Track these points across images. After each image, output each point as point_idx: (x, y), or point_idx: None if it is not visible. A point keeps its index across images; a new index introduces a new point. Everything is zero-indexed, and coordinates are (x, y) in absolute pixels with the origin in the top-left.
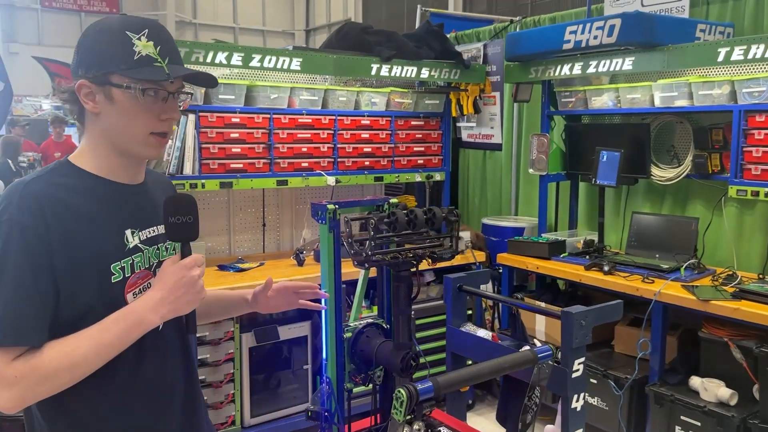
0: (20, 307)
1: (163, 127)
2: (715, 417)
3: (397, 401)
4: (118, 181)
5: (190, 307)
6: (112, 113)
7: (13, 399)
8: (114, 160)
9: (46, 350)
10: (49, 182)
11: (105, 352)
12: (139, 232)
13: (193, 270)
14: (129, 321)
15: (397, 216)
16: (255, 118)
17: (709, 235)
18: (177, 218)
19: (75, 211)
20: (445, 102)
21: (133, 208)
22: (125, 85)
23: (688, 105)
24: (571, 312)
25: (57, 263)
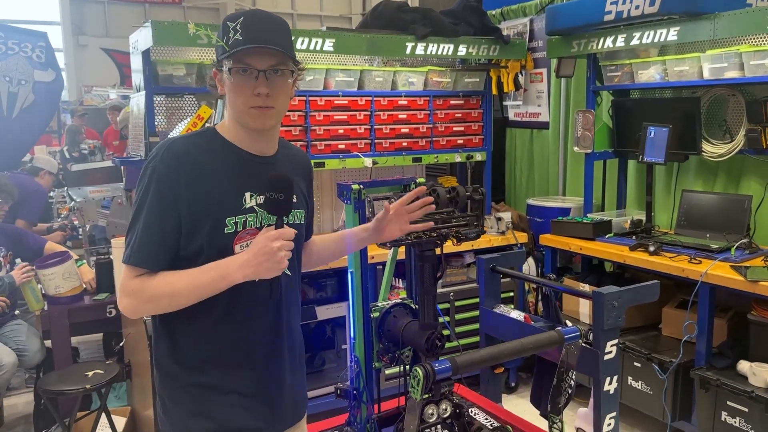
0: (146, 239)
1: (257, 101)
2: (763, 403)
3: (413, 380)
4: (248, 151)
5: (269, 273)
6: (227, 92)
7: (128, 307)
8: (241, 133)
9: (157, 277)
10: (189, 142)
11: (198, 292)
12: (257, 196)
13: (275, 242)
14: (219, 271)
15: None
16: (291, 100)
17: (762, 214)
18: (270, 194)
19: (205, 169)
20: (486, 80)
21: (257, 176)
22: (226, 68)
23: (739, 76)
24: (602, 292)
25: (182, 209)
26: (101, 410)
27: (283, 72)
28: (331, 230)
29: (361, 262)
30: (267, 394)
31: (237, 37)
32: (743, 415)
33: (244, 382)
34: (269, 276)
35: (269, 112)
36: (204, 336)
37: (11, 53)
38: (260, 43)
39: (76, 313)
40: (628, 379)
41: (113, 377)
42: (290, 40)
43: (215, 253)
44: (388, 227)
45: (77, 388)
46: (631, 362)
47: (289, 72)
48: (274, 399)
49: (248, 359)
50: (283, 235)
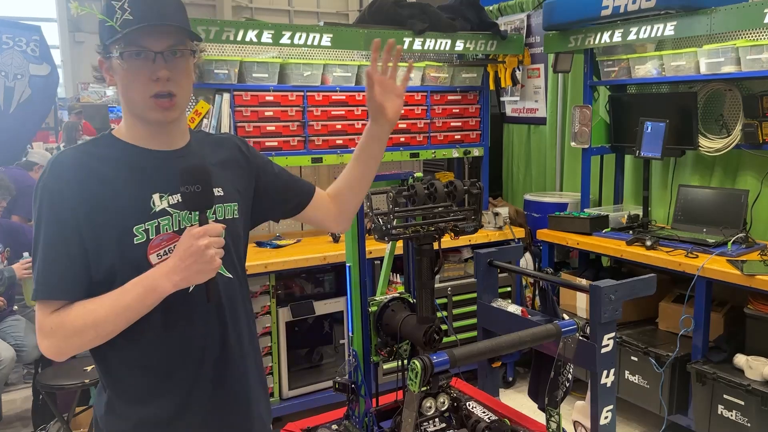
0: (50, 266)
1: (156, 87)
2: (759, 396)
3: (411, 372)
4: (151, 148)
5: (201, 276)
6: (118, 83)
7: (51, 348)
8: (141, 128)
9: (75, 307)
10: (81, 151)
11: (124, 314)
12: (168, 196)
13: (201, 239)
14: (145, 286)
15: (416, 189)
16: (289, 95)
17: (759, 208)
18: (186, 187)
19: (100, 177)
20: (483, 75)
21: (166, 174)
22: (115, 53)
23: (735, 71)
24: (599, 286)
25: (82, 225)
26: None
27: (182, 52)
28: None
29: (359, 257)
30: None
31: (126, 16)
32: (739, 409)
33: (194, 409)
34: (202, 279)
35: (172, 102)
36: (141, 364)
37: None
38: (154, 21)
39: None
40: (625, 373)
41: None
42: (186, 14)
43: (130, 270)
44: (384, 102)
45: (76, 382)
46: (628, 356)
47: (190, 52)
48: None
49: (196, 383)
50: (209, 231)
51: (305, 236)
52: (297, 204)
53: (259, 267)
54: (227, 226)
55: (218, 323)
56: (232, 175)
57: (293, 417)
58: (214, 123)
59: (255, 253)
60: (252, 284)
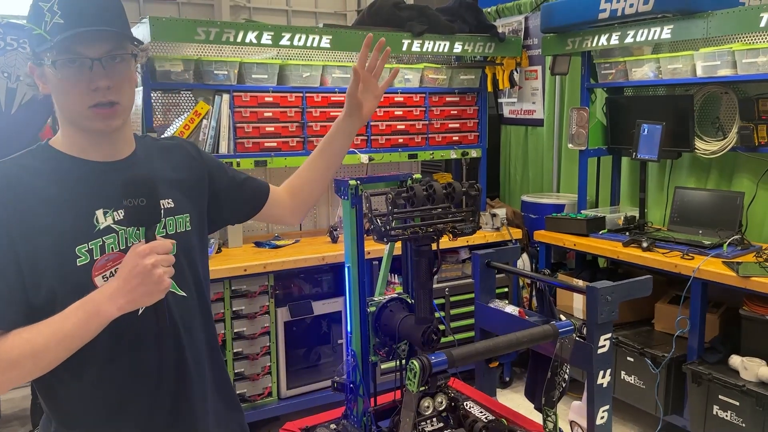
0: None
1: (97, 97)
2: (754, 396)
3: (410, 372)
4: (92, 160)
5: (149, 298)
6: (53, 92)
7: None
8: (81, 138)
9: (10, 337)
10: (16, 164)
11: (66, 342)
12: (113, 212)
13: (148, 258)
14: (87, 310)
15: (415, 190)
16: (288, 96)
17: (755, 210)
18: (129, 201)
19: (38, 194)
20: (481, 77)
21: (108, 187)
22: (48, 61)
23: (731, 74)
24: (596, 287)
25: (18, 247)
26: None
27: (122, 57)
28: (327, 227)
29: (358, 257)
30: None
31: (56, 20)
32: (734, 409)
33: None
34: (150, 302)
35: (114, 110)
36: (88, 396)
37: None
38: (88, 25)
39: None
40: (621, 374)
41: None
42: (124, 15)
43: (72, 294)
44: (363, 100)
45: None
46: (624, 357)
47: (131, 56)
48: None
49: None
50: (156, 249)
51: (304, 236)
52: (254, 205)
53: (258, 267)
54: (179, 240)
55: (173, 347)
56: (183, 184)
57: (291, 416)
58: (214, 124)
59: (254, 254)
60: (251, 284)
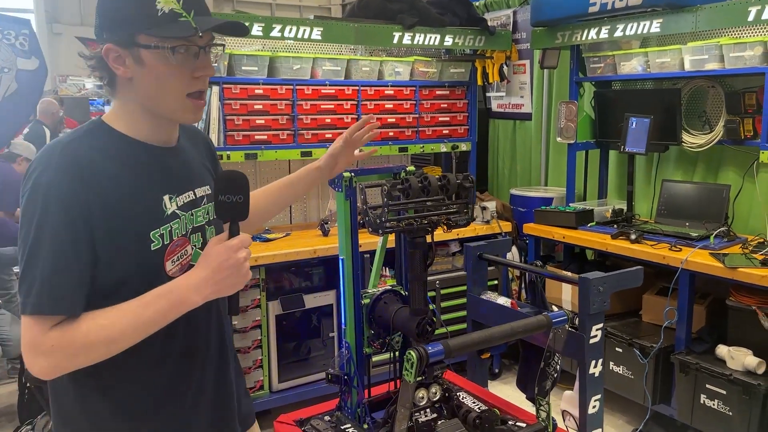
0: (58, 276)
1: (198, 85)
2: (740, 385)
3: (407, 363)
4: (153, 144)
5: (234, 289)
6: (145, 77)
7: (48, 367)
8: (148, 123)
9: (83, 322)
10: (87, 145)
11: (143, 329)
12: (176, 198)
13: (240, 252)
14: (171, 299)
15: (411, 182)
16: (278, 89)
17: (740, 203)
18: (227, 197)
19: (113, 178)
20: (471, 70)
21: (170, 173)
22: (153, 45)
23: (719, 68)
24: (589, 278)
25: (96, 231)
26: None
27: (218, 47)
28: (317, 220)
29: (352, 250)
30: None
31: (171, 8)
32: (721, 398)
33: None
34: (232, 291)
35: (203, 101)
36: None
37: None
38: (201, 13)
39: None
40: (610, 364)
41: None
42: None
43: (143, 278)
44: (340, 160)
45: None
46: (612, 347)
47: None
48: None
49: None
50: (245, 243)
51: (294, 230)
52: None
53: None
54: (215, 225)
55: (216, 329)
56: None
57: (283, 409)
58: (203, 116)
59: None
60: None
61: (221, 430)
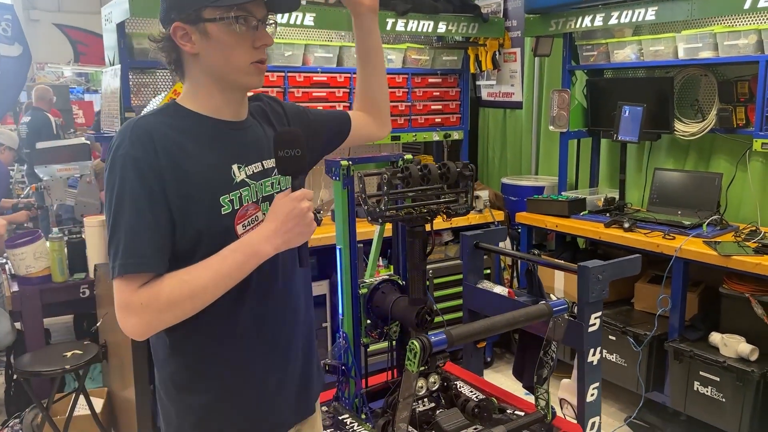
0: (140, 236)
1: (260, 54)
2: (734, 372)
3: (410, 353)
4: (223, 119)
5: (302, 238)
6: (211, 49)
7: (140, 325)
8: (218, 98)
9: (167, 279)
10: (157, 120)
11: (223, 282)
12: (245, 167)
13: (303, 202)
14: (245, 252)
15: (411, 171)
16: (269, 76)
17: (733, 191)
18: (285, 152)
19: (182, 148)
20: (464, 58)
21: (239, 145)
22: (218, 17)
23: (713, 56)
24: (588, 266)
25: (170, 195)
26: (79, 391)
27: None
28: None
29: (349, 239)
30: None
31: None
32: (715, 385)
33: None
34: (301, 242)
35: (265, 67)
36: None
37: None
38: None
39: (48, 293)
40: (603, 352)
41: (92, 358)
42: None
43: (217, 241)
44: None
45: (56, 369)
46: (606, 335)
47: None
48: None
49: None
50: (307, 195)
51: None
52: (341, 131)
53: None
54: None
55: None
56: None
57: None
58: None
59: None
60: None
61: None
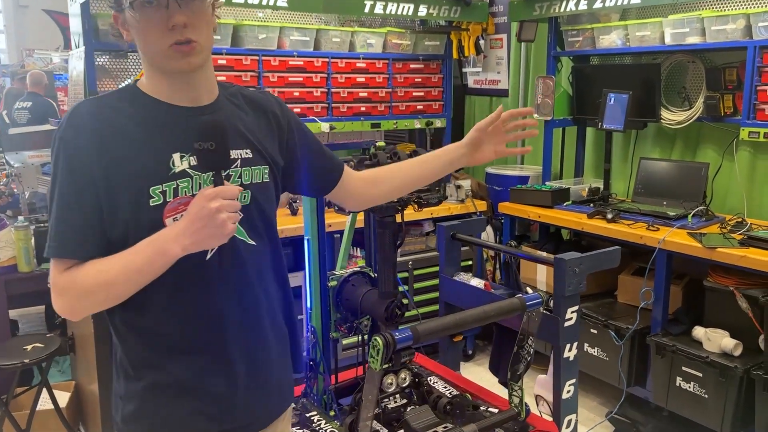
0: (64, 221)
1: (175, 35)
2: (717, 368)
3: (373, 349)
4: (176, 104)
5: (214, 241)
6: (135, 35)
7: (64, 307)
8: (164, 83)
9: (86, 267)
10: (100, 102)
11: (135, 276)
12: (189, 157)
13: (213, 202)
14: (155, 247)
15: (379, 158)
16: (243, 60)
17: (719, 182)
18: (199, 144)
19: (119, 132)
20: (446, 44)
21: (188, 132)
22: (129, 3)
23: (700, 42)
24: (564, 258)
25: (98, 180)
26: (42, 385)
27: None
28: (286, 198)
29: (318, 230)
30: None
31: None
32: (697, 380)
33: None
34: (213, 244)
35: (192, 47)
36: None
37: None
38: None
39: (13, 284)
40: (584, 346)
41: (54, 351)
42: None
43: (143, 232)
44: (484, 146)
45: (15, 362)
46: (587, 329)
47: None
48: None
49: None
50: (222, 194)
51: None
52: (326, 184)
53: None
54: (254, 190)
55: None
56: (265, 136)
57: None
58: None
59: None
60: None
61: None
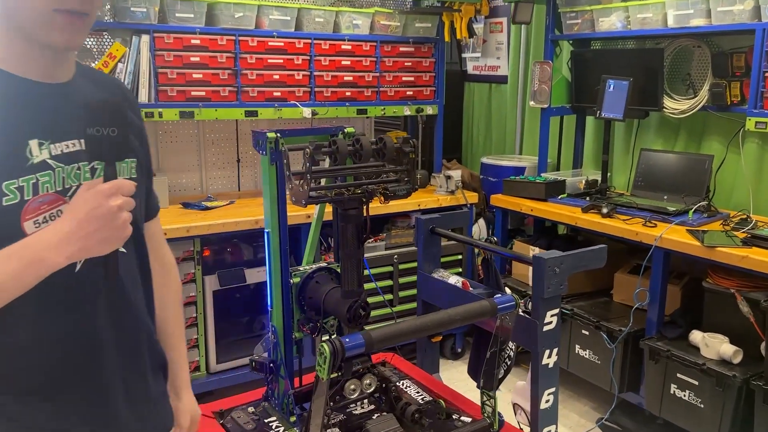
0: None
1: (65, 3)
2: (714, 376)
3: (320, 357)
4: (29, 78)
5: (107, 246)
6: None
7: None
8: (21, 49)
9: None
10: None
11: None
12: (50, 145)
13: (113, 199)
14: (24, 259)
15: (338, 145)
16: (218, 40)
17: (724, 175)
18: (96, 129)
19: None
20: (438, 26)
21: (46, 114)
22: None
23: (705, 24)
24: (543, 257)
25: None
26: None
27: None
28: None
29: (279, 222)
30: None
31: None
32: (693, 389)
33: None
34: (105, 251)
35: (84, 22)
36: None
37: None
38: None
39: None
40: (576, 348)
41: None
42: None
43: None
44: None
45: None
46: (579, 330)
47: None
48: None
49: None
50: (122, 189)
51: (242, 197)
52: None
53: (181, 231)
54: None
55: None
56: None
57: (222, 392)
58: (131, 68)
59: (178, 215)
60: (173, 250)
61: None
